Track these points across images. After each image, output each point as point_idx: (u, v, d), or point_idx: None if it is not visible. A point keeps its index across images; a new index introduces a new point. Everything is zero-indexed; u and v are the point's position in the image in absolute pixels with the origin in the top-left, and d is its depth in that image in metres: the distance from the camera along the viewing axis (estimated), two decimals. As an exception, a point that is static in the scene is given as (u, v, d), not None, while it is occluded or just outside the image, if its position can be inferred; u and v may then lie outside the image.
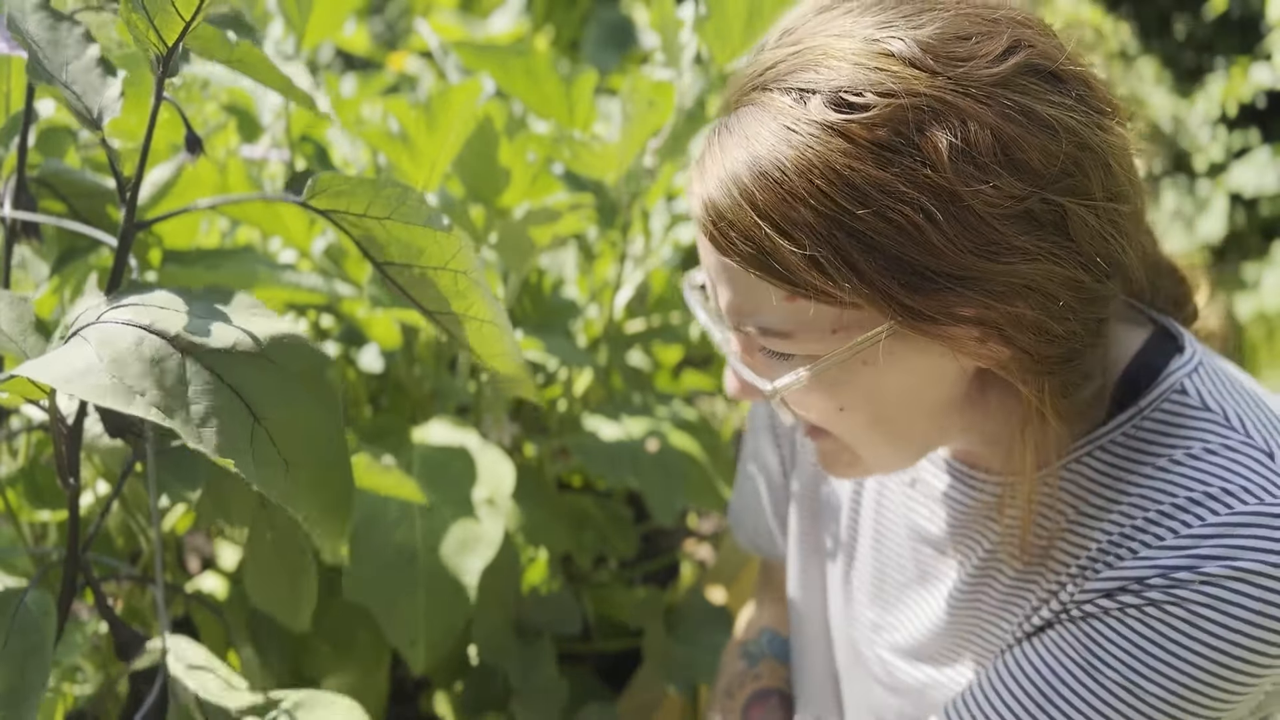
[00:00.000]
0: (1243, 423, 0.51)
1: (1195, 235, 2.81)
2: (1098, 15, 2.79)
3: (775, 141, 0.45)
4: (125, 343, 0.42)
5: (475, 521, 0.77)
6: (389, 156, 0.82)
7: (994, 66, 0.45)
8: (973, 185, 0.44)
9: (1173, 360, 0.54)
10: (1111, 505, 0.53)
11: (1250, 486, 0.48)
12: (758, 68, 0.49)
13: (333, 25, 0.93)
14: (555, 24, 1.95)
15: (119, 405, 0.39)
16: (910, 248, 0.44)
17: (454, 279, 0.50)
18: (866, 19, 0.47)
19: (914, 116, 0.44)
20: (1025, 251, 0.45)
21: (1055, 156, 0.45)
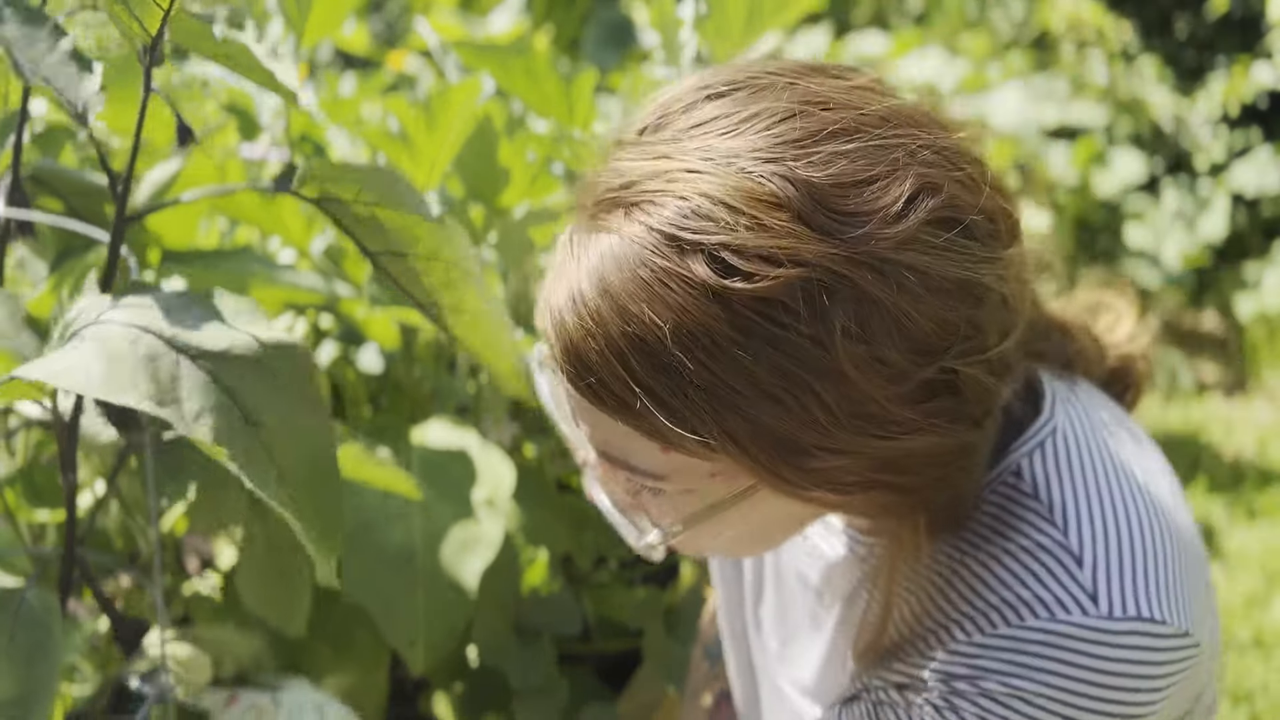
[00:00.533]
0: (1065, 518, 0.48)
1: (1196, 235, 2.81)
2: (1098, 14, 2.78)
3: (648, 299, 0.40)
4: (122, 341, 0.42)
5: (475, 522, 0.77)
6: (389, 156, 0.81)
7: (893, 226, 0.40)
8: (863, 367, 0.40)
9: (1021, 434, 0.50)
10: (932, 589, 0.51)
11: (1046, 598, 0.46)
12: (617, 177, 0.43)
13: (332, 24, 0.92)
14: (555, 23, 1.95)
15: (112, 396, 0.40)
16: (794, 425, 0.41)
17: (445, 269, 0.50)
18: (745, 139, 0.41)
19: (805, 291, 0.39)
20: (914, 426, 0.43)
21: (953, 325, 0.42)
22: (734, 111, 0.42)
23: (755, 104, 0.42)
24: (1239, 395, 2.61)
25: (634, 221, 0.41)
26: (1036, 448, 0.50)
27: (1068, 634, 0.45)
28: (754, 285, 0.39)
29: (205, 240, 0.92)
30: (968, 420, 0.44)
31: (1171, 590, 0.46)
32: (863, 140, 0.41)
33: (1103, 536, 0.47)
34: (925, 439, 0.43)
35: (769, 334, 0.40)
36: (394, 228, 0.48)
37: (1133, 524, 0.47)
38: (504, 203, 0.91)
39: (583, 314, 0.42)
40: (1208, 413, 2.33)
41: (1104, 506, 0.48)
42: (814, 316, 0.39)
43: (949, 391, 0.43)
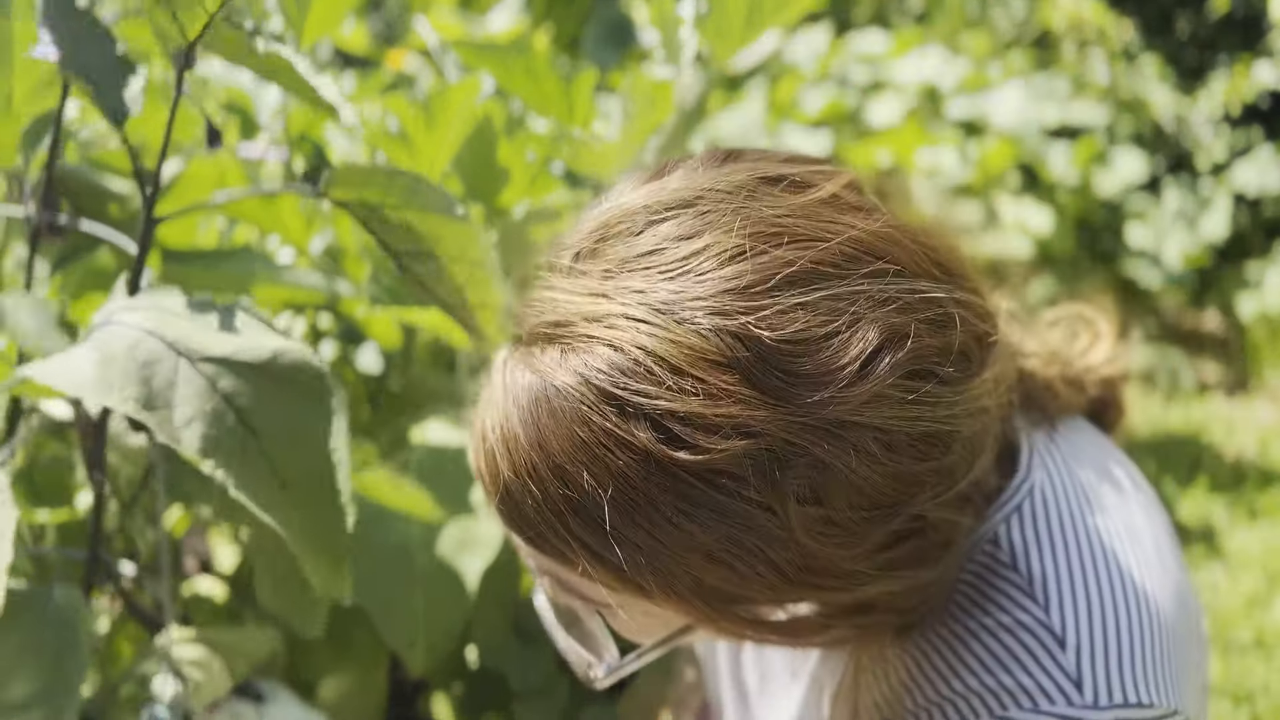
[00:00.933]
0: (1046, 591, 0.45)
1: (1198, 235, 2.80)
2: (1100, 13, 2.78)
3: (587, 460, 0.37)
4: (121, 343, 0.43)
5: (474, 522, 0.76)
6: (388, 155, 0.81)
7: (853, 388, 0.36)
8: (818, 533, 0.38)
9: (996, 496, 0.48)
10: (910, 664, 0.48)
11: (1029, 686, 0.43)
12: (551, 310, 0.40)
13: (331, 23, 0.92)
14: (555, 21, 1.95)
15: (98, 398, 0.40)
16: (743, 586, 0.39)
17: (470, 268, 0.50)
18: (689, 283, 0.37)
19: (754, 462, 0.36)
20: (874, 575, 0.41)
21: (917, 478, 0.39)
22: (677, 245, 0.38)
23: (700, 235, 0.38)
24: (1240, 395, 2.61)
25: (569, 368, 0.38)
26: (1014, 511, 0.47)
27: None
28: (700, 457, 0.36)
29: (204, 239, 0.92)
30: (930, 560, 0.42)
31: (1157, 668, 0.44)
32: (821, 289, 0.37)
33: (1085, 614, 0.44)
34: (884, 585, 0.41)
35: (716, 503, 0.37)
36: (419, 229, 0.49)
37: (1116, 599, 0.45)
38: (503, 202, 0.91)
39: (519, 467, 0.39)
40: (1209, 413, 2.32)
41: (1086, 579, 0.45)
42: (765, 485, 0.37)
43: (911, 536, 0.41)
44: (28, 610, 0.50)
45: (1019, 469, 0.48)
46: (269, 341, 0.46)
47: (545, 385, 0.39)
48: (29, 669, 0.47)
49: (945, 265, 0.41)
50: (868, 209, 0.41)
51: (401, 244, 0.49)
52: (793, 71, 2.06)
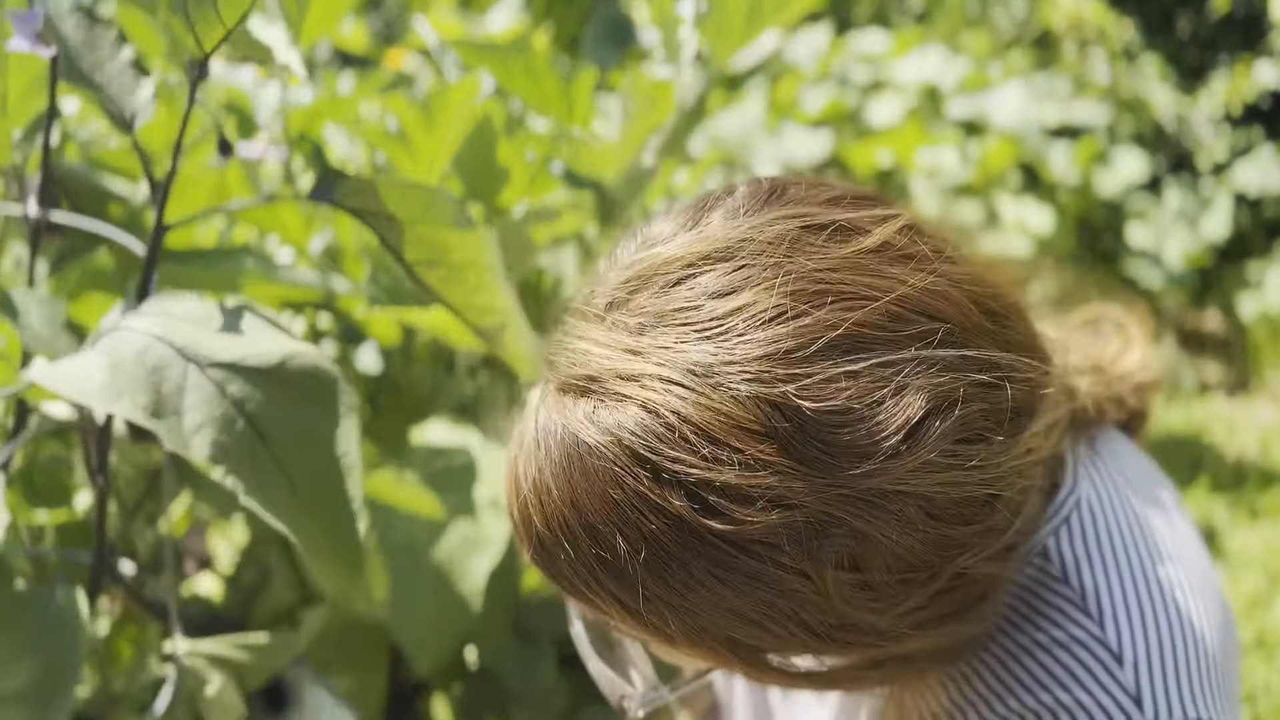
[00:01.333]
0: (1100, 606, 0.44)
1: (1198, 235, 2.80)
2: (1100, 12, 2.78)
3: (620, 523, 0.36)
4: (130, 349, 0.43)
5: (479, 522, 0.76)
6: (387, 155, 0.81)
7: (897, 460, 0.35)
8: (855, 598, 0.37)
9: (1044, 508, 0.46)
10: (962, 681, 0.47)
11: (1089, 705, 0.42)
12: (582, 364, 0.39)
13: (330, 22, 0.92)
14: (554, 21, 1.95)
15: (107, 405, 0.39)
16: (778, 645, 0.39)
17: (478, 276, 0.50)
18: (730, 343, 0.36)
19: (791, 533, 0.35)
20: (914, 633, 0.40)
21: (959, 542, 0.38)
22: (714, 300, 0.37)
23: (740, 292, 0.37)
24: (1241, 395, 2.61)
25: (602, 426, 0.37)
26: (1062, 524, 0.46)
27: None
28: (736, 528, 0.35)
29: (203, 239, 0.91)
30: (971, 614, 0.41)
31: (1212, 685, 0.44)
32: (866, 357, 0.36)
33: (1140, 630, 0.43)
34: (922, 641, 0.41)
35: (750, 569, 0.36)
36: (431, 239, 0.49)
37: (1170, 614, 0.44)
38: (503, 202, 0.90)
39: (551, 522, 0.39)
40: (1210, 413, 2.32)
41: (1139, 594, 0.44)
42: (801, 554, 0.36)
43: (954, 590, 0.40)
44: (29, 609, 0.50)
45: (1065, 481, 0.47)
46: (279, 346, 0.46)
47: (579, 441, 0.38)
48: (25, 665, 0.47)
49: (999, 315, 0.40)
50: (919, 258, 0.39)
51: (413, 254, 0.49)
52: (793, 71, 2.06)
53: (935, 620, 0.40)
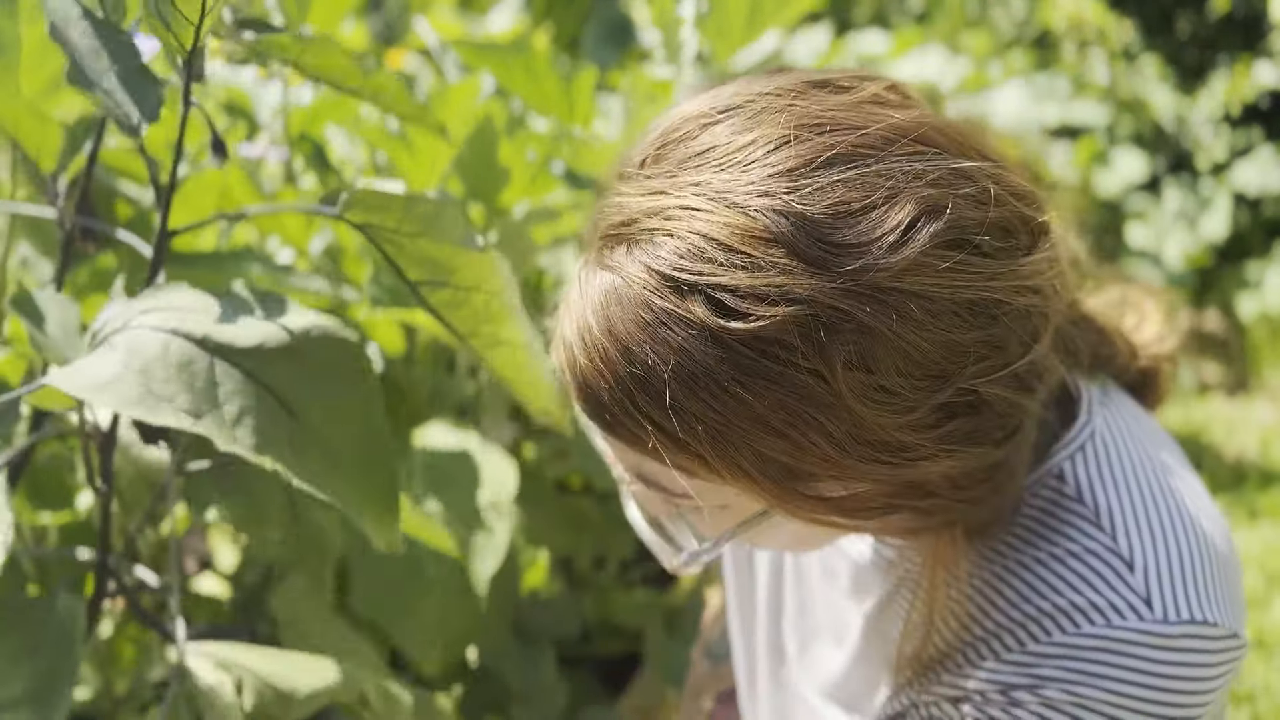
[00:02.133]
0: (1113, 522, 0.47)
1: (1198, 235, 2.80)
2: (1100, 12, 2.78)
3: (650, 340, 0.40)
4: (153, 349, 0.42)
5: (482, 526, 0.76)
6: (389, 155, 0.81)
7: (893, 255, 0.39)
8: (869, 399, 0.39)
9: (1061, 435, 0.50)
10: (977, 596, 0.50)
11: (1100, 604, 0.46)
12: (619, 213, 0.43)
13: (331, 23, 0.92)
14: (554, 21, 1.95)
15: (146, 415, 0.39)
16: (803, 458, 0.41)
17: (486, 301, 0.49)
18: (739, 171, 0.40)
19: (801, 328, 0.39)
20: (931, 451, 0.42)
21: (964, 348, 0.40)
22: (729, 140, 0.42)
23: (751, 130, 0.42)
24: (1241, 395, 2.61)
25: (635, 260, 0.42)
26: (1078, 450, 0.50)
27: (1126, 639, 0.45)
28: (750, 325, 0.39)
29: (203, 240, 0.92)
30: (990, 440, 0.43)
31: (1219, 592, 0.47)
32: (860, 166, 0.40)
33: (1150, 540, 0.47)
34: (943, 463, 0.42)
35: (769, 371, 0.39)
36: (435, 257, 0.48)
37: (1178, 527, 0.47)
38: (504, 202, 0.91)
39: (592, 354, 0.43)
40: (1209, 413, 2.32)
41: (1149, 510, 0.48)
42: (813, 352, 0.39)
43: (968, 412, 0.42)
44: (30, 616, 0.50)
45: (1080, 413, 0.51)
46: (292, 321, 0.46)
47: (614, 279, 0.42)
48: (23, 671, 0.47)
49: (986, 153, 0.44)
50: (910, 105, 0.44)
51: (415, 272, 0.49)
52: (793, 71, 2.06)
53: (952, 439, 0.42)
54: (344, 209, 0.47)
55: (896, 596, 0.56)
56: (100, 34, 0.47)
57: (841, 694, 0.61)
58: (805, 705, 0.65)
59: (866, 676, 0.59)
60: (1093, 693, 0.45)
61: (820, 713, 0.63)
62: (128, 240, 0.54)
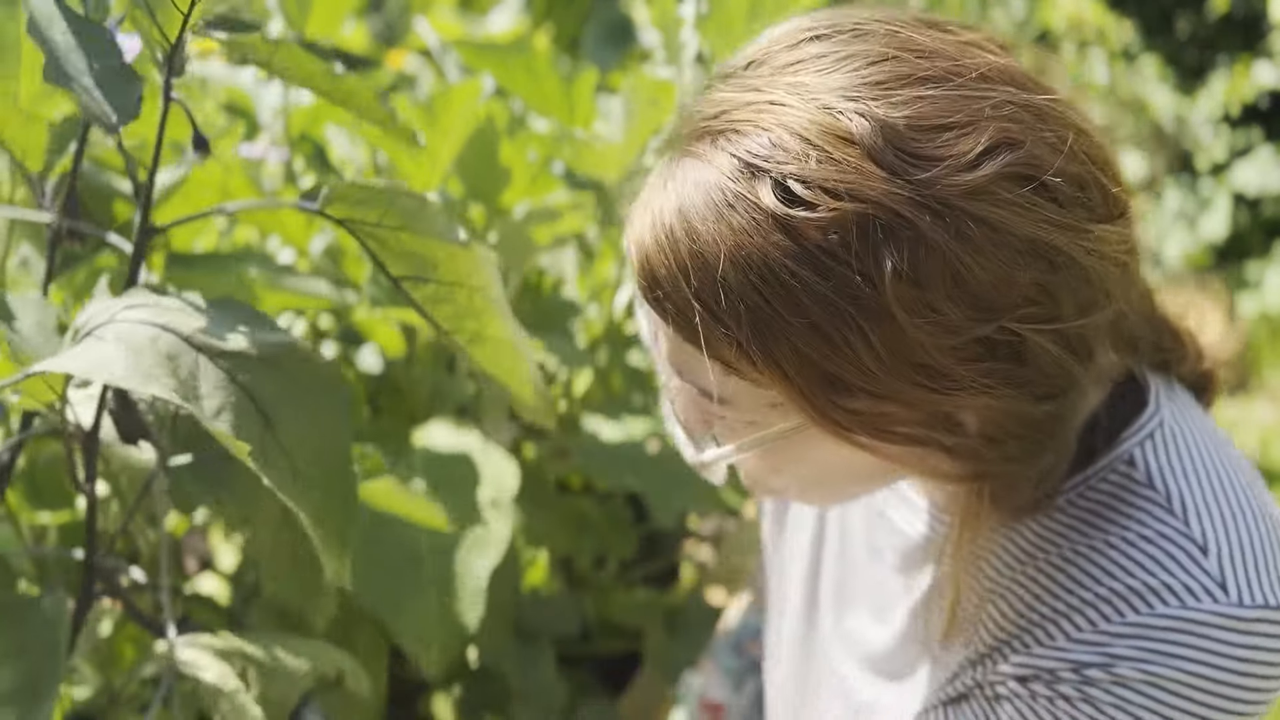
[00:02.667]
0: (1185, 508, 0.48)
1: (1198, 235, 2.80)
2: (1099, 13, 2.78)
3: (715, 220, 0.41)
4: (141, 337, 0.43)
5: (481, 522, 0.77)
6: (389, 156, 0.81)
7: (964, 174, 0.39)
8: (913, 312, 0.40)
9: (1130, 423, 0.50)
10: (1043, 578, 0.50)
11: (1175, 586, 0.46)
12: (711, 107, 0.45)
13: (332, 23, 0.92)
14: (555, 22, 1.95)
15: (137, 385, 0.39)
16: (840, 364, 0.41)
17: (470, 296, 0.49)
18: (835, 77, 0.42)
19: (860, 226, 0.39)
20: (965, 383, 0.42)
21: (1017, 285, 0.41)
22: (832, 52, 0.43)
23: (853, 47, 0.43)
24: (1240, 395, 2.61)
25: (718, 149, 0.43)
26: (1147, 438, 0.50)
27: (1201, 620, 0.45)
28: (813, 215, 0.40)
29: (205, 239, 0.92)
30: (1028, 392, 0.43)
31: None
32: (949, 89, 0.41)
33: (1223, 526, 0.47)
34: (978, 400, 0.42)
35: (821, 265, 0.40)
36: (418, 252, 0.48)
37: (1250, 515, 0.48)
38: (504, 202, 0.91)
39: (658, 232, 0.44)
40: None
41: (1219, 497, 0.48)
42: (867, 253, 0.39)
43: (1011, 356, 0.42)
44: (15, 616, 0.50)
45: (1149, 402, 0.51)
46: (274, 335, 0.46)
47: (694, 164, 0.44)
48: (8, 671, 0.47)
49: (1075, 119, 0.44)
50: (1009, 55, 0.45)
51: (397, 267, 0.49)
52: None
53: (990, 376, 0.42)
54: (324, 204, 0.47)
55: (937, 599, 0.56)
56: (79, 32, 0.47)
57: (886, 666, 0.61)
58: (834, 676, 0.65)
59: (911, 655, 0.59)
60: (1167, 671, 0.45)
61: (850, 683, 0.63)
62: (112, 240, 0.54)
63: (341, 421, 0.46)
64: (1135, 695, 0.46)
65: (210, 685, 0.52)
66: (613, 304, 1.03)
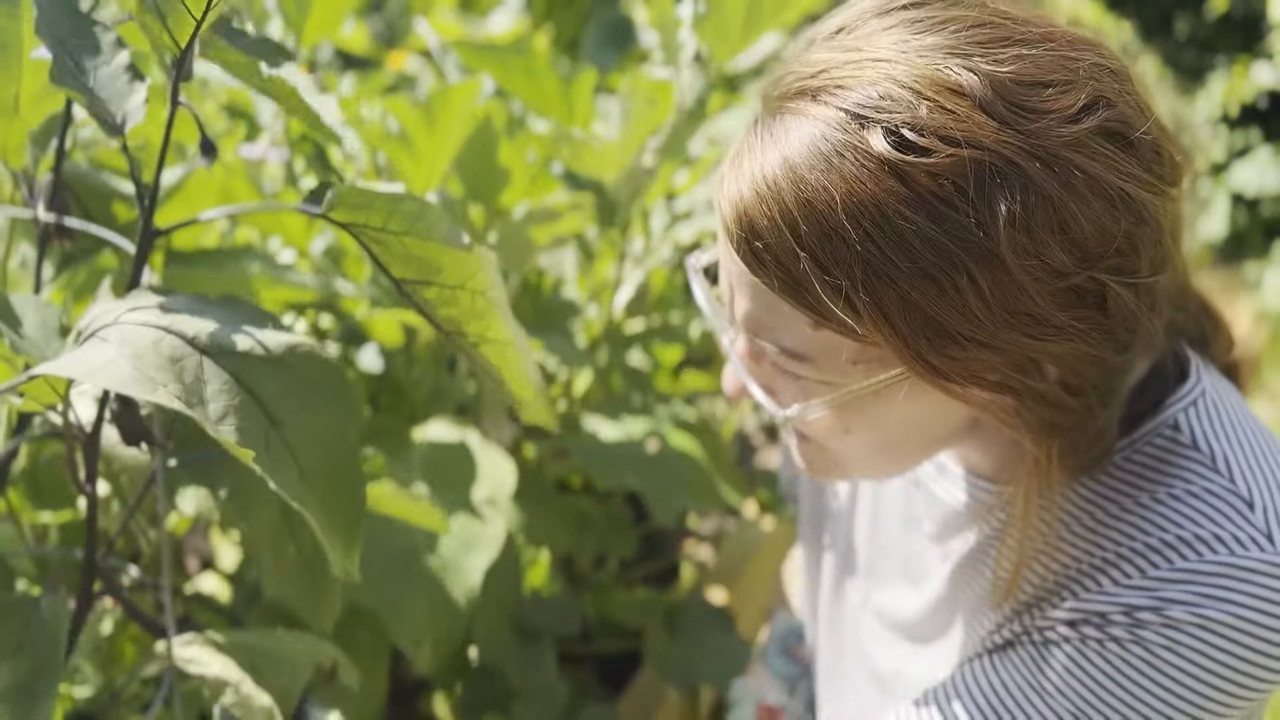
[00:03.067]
0: (1230, 467, 0.50)
1: (1196, 235, 2.81)
2: (1098, 14, 2.78)
3: (824, 169, 0.42)
4: (145, 341, 0.43)
5: (477, 521, 0.77)
6: (389, 156, 0.81)
7: (1068, 127, 0.42)
8: (1022, 257, 0.41)
9: (1174, 392, 0.53)
10: (1088, 534, 0.52)
11: (1224, 535, 0.48)
12: (807, 67, 0.45)
13: (332, 24, 0.92)
14: (555, 23, 1.95)
15: (141, 393, 0.39)
16: (945, 309, 0.42)
17: (472, 299, 0.49)
18: (937, 38, 0.43)
19: (976, 172, 0.41)
20: (1061, 328, 0.43)
21: (1111, 235, 0.43)
22: (928, 17, 0.45)
23: (950, 12, 0.45)
24: (1239, 395, 2.59)
25: (822, 104, 0.44)
26: (1190, 405, 0.52)
27: (1250, 568, 0.46)
28: (927, 161, 0.41)
29: (206, 239, 0.92)
30: (1110, 340, 0.45)
31: None
32: (1045, 49, 0.43)
33: (1266, 485, 0.49)
34: (1068, 345, 0.44)
35: (935, 211, 0.41)
36: (421, 255, 0.48)
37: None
38: (504, 203, 0.91)
39: (760, 184, 0.44)
40: (1208, 413, 2.32)
41: (1262, 459, 0.50)
42: (981, 199, 0.41)
43: (1097, 305, 0.44)
44: (14, 614, 0.50)
45: (1191, 373, 0.53)
46: (280, 335, 0.46)
47: (794, 120, 0.44)
48: (6, 669, 0.47)
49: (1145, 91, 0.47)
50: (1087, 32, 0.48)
51: (400, 270, 0.49)
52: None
53: (1075, 323, 0.44)
54: (328, 208, 0.47)
55: (989, 547, 0.58)
56: (85, 33, 0.47)
57: (916, 631, 0.63)
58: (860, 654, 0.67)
59: (942, 620, 0.61)
60: (1217, 614, 0.46)
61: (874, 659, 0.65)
62: (111, 238, 0.54)
63: (348, 418, 0.46)
64: (1186, 638, 0.47)
65: (214, 679, 0.52)
66: (612, 304, 1.03)
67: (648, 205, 1.04)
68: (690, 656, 0.95)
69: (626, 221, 0.96)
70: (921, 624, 0.63)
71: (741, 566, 1.20)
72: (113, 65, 0.47)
